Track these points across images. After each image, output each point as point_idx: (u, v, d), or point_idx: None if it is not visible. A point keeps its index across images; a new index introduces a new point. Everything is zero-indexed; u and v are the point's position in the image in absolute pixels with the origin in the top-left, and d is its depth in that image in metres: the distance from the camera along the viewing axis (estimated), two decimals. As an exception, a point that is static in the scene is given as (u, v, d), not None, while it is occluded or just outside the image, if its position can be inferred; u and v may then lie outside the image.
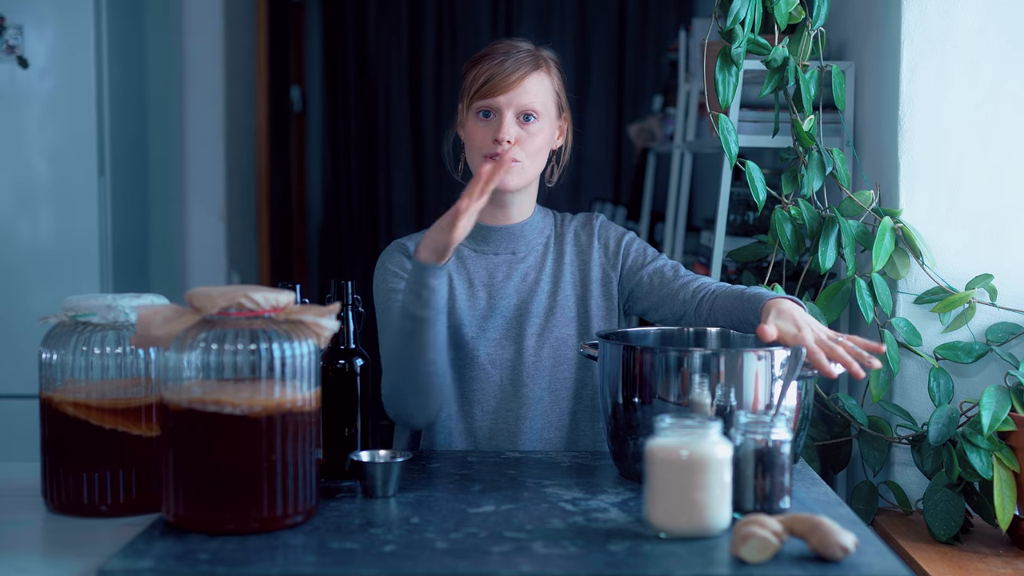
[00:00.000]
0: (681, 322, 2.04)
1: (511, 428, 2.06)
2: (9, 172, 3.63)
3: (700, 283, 2.05)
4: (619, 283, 2.13)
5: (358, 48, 6.22)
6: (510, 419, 2.07)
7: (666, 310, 2.07)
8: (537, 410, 2.07)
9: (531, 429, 2.07)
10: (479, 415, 2.07)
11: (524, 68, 2.04)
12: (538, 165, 2.08)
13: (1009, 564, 2.09)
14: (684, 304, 2.04)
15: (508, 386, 2.07)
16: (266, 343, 1.51)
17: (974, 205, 2.39)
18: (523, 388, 2.07)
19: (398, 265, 2.08)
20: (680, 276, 2.09)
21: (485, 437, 2.07)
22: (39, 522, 1.64)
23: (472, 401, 2.07)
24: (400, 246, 2.12)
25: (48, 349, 1.66)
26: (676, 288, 2.06)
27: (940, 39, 2.37)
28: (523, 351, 2.08)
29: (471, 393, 2.07)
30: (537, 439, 2.07)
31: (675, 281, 2.08)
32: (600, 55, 6.17)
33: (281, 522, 1.52)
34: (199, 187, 4.60)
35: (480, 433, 2.07)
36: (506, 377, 2.07)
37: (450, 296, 2.08)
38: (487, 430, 2.07)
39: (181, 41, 4.55)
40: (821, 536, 1.42)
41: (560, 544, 1.47)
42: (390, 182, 6.25)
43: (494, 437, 2.07)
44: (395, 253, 2.11)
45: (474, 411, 2.07)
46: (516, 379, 2.07)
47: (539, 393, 2.07)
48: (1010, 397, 2.16)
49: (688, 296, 2.04)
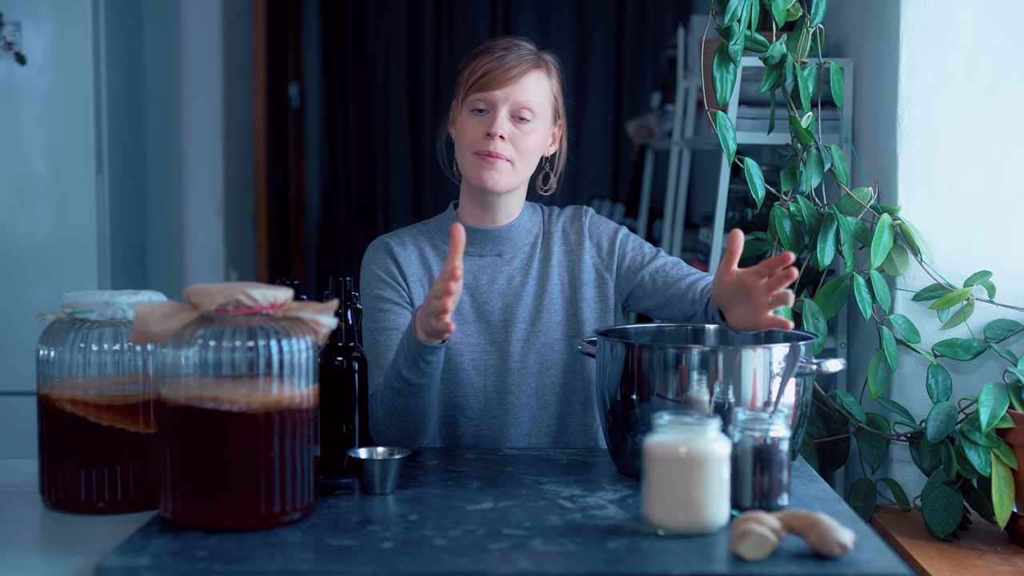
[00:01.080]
0: (691, 320, 2.02)
1: (496, 435, 2.03)
2: (7, 169, 3.63)
3: (707, 281, 2.02)
4: (616, 284, 2.09)
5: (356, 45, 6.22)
6: (495, 426, 2.03)
7: (674, 309, 2.03)
8: (523, 417, 2.04)
9: (517, 436, 2.03)
10: (463, 422, 2.03)
11: (524, 64, 2.00)
12: (528, 167, 2.04)
13: (1007, 561, 2.09)
14: (694, 304, 1.99)
15: (493, 393, 2.03)
16: (264, 340, 1.51)
17: (973, 202, 2.39)
18: (508, 395, 2.03)
19: (383, 268, 2.04)
20: (685, 275, 2.04)
21: (469, 444, 2.04)
22: (37, 519, 1.64)
23: (456, 407, 2.03)
24: (383, 245, 2.07)
25: (46, 346, 1.66)
26: (684, 288, 2.02)
27: (939, 36, 2.37)
28: (508, 357, 2.03)
29: (455, 399, 2.03)
30: (524, 445, 2.04)
31: (681, 280, 2.03)
32: (599, 52, 6.17)
33: (279, 519, 1.52)
34: (197, 184, 4.60)
35: (464, 440, 2.04)
36: (491, 384, 2.03)
37: None
38: (471, 437, 2.04)
39: (179, 38, 4.54)
40: (819, 533, 1.42)
41: (558, 541, 1.47)
42: (388, 179, 6.25)
43: (479, 444, 2.04)
44: (380, 253, 2.07)
45: (458, 417, 2.03)
46: (501, 385, 2.03)
47: (525, 400, 2.03)
48: (1008, 394, 2.16)
49: (697, 296, 1.99)
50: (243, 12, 5.08)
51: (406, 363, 1.83)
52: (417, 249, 2.08)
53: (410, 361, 1.83)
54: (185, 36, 4.55)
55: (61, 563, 1.46)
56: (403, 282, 2.04)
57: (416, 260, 2.07)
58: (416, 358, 1.82)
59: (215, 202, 4.62)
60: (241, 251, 5.03)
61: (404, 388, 1.85)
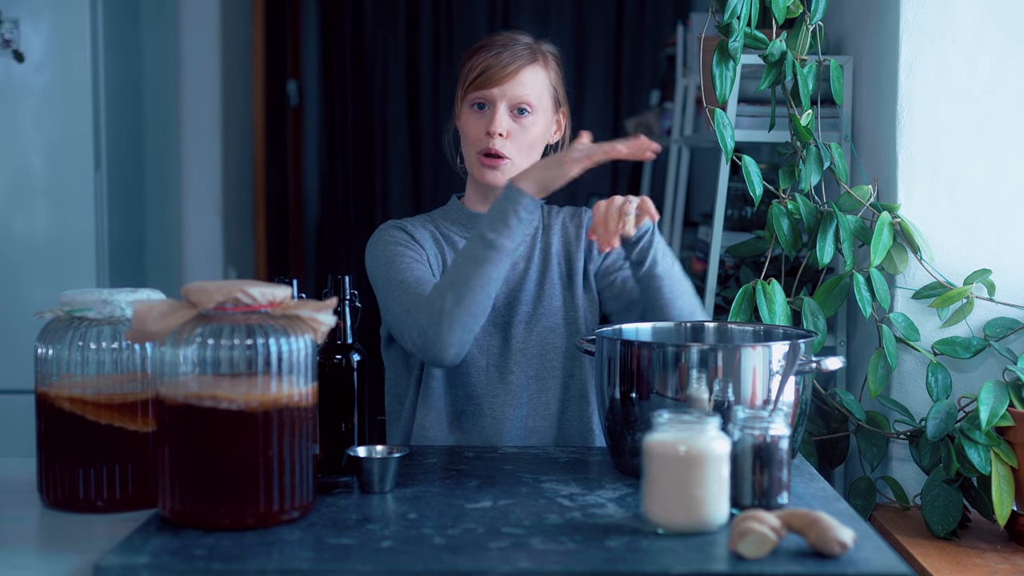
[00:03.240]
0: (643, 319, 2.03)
1: (496, 415, 2.05)
2: (5, 167, 3.62)
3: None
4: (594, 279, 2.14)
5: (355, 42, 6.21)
6: (496, 405, 2.06)
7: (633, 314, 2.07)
8: (523, 398, 2.07)
9: (516, 417, 2.06)
10: (463, 399, 2.06)
11: (520, 60, 2.04)
12: (532, 159, 2.07)
13: (1007, 560, 2.08)
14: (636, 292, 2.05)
15: (494, 372, 2.07)
16: (262, 338, 1.50)
17: (972, 200, 2.38)
18: (510, 375, 2.06)
19: (397, 239, 2.07)
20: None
21: (469, 422, 2.06)
22: (35, 518, 1.64)
23: (457, 384, 2.06)
24: (393, 223, 2.12)
25: (44, 344, 1.65)
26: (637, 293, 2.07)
27: (939, 33, 2.37)
28: (510, 338, 2.07)
29: (456, 377, 2.06)
30: (522, 427, 2.06)
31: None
32: (598, 49, 6.16)
33: (278, 518, 1.51)
34: (195, 182, 4.59)
35: (464, 418, 2.06)
36: (492, 363, 2.07)
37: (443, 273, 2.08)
38: (471, 415, 2.06)
39: (177, 35, 4.54)
40: (819, 531, 1.42)
41: (558, 540, 1.47)
42: (387, 176, 6.25)
43: (478, 423, 2.06)
44: (391, 229, 2.10)
45: (458, 394, 2.06)
46: (503, 365, 2.07)
47: (525, 381, 2.07)
48: (1008, 392, 2.16)
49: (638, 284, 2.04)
50: (241, 9, 5.08)
51: (494, 224, 1.87)
52: (427, 230, 2.13)
53: (499, 221, 1.87)
54: (183, 33, 4.54)
55: (59, 562, 1.45)
56: (418, 244, 2.08)
57: (428, 237, 2.12)
58: (506, 212, 1.87)
59: (213, 200, 4.62)
60: (240, 249, 5.02)
61: (485, 256, 1.87)
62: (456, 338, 1.89)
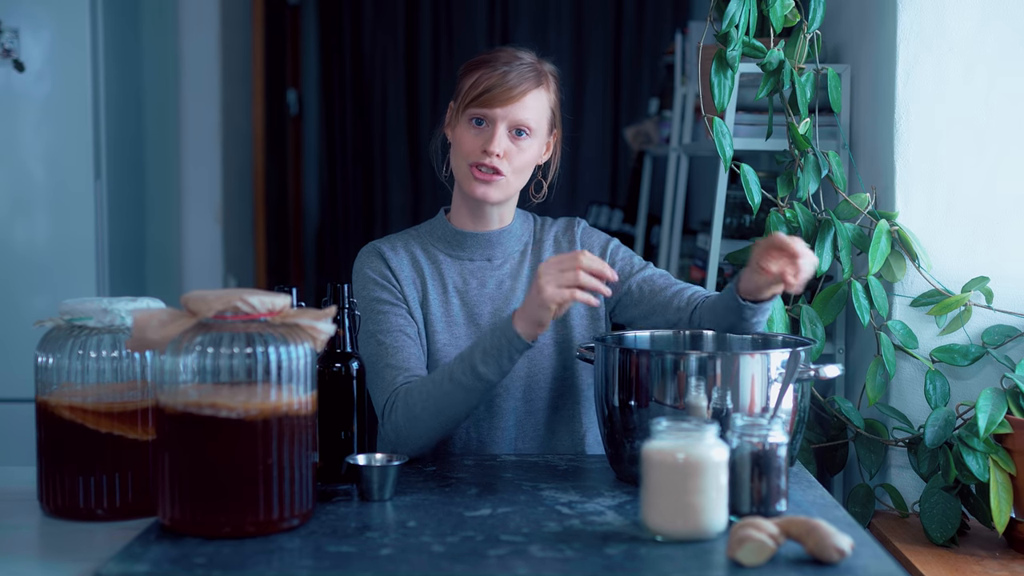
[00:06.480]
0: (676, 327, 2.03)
1: (483, 438, 2.04)
2: (5, 176, 3.62)
3: (694, 290, 2.04)
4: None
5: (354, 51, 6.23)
6: (483, 429, 2.03)
7: (659, 318, 2.05)
8: (510, 421, 2.04)
9: (504, 440, 2.04)
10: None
11: (526, 84, 2.00)
12: (522, 180, 2.05)
13: (1005, 567, 2.09)
14: (679, 312, 2.01)
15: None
16: (262, 347, 1.51)
17: (970, 208, 2.39)
18: (496, 399, 2.03)
19: (375, 271, 2.05)
20: (672, 284, 2.07)
21: (458, 446, 2.04)
22: (35, 526, 1.64)
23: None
24: (374, 249, 2.08)
25: (44, 353, 1.66)
26: (670, 296, 2.04)
27: (936, 42, 2.38)
28: None
29: None
30: (511, 450, 2.05)
31: (667, 289, 2.05)
32: (596, 58, 6.17)
33: (277, 526, 1.52)
34: (195, 190, 4.60)
35: (452, 442, 2.04)
36: None
37: (424, 301, 2.06)
38: (459, 440, 2.04)
39: (177, 44, 4.55)
40: (817, 539, 1.42)
41: (556, 547, 1.47)
42: (386, 185, 6.26)
43: (465, 447, 2.04)
44: (371, 257, 2.07)
45: None
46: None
47: (512, 404, 2.04)
48: (1006, 400, 2.17)
49: (683, 304, 2.02)
50: (241, 18, 5.09)
51: (486, 357, 1.84)
52: (408, 253, 2.09)
53: (492, 359, 1.84)
54: (183, 42, 4.55)
55: (60, 570, 1.46)
56: (396, 283, 2.05)
57: (407, 263, 2.08)
58: (500, 352, 1.84)
59: (213, 208, 4.62)
60: (239, 257, 5.03)
61: (473, 386, 1.86)
62: (426, 443, 1.92)
